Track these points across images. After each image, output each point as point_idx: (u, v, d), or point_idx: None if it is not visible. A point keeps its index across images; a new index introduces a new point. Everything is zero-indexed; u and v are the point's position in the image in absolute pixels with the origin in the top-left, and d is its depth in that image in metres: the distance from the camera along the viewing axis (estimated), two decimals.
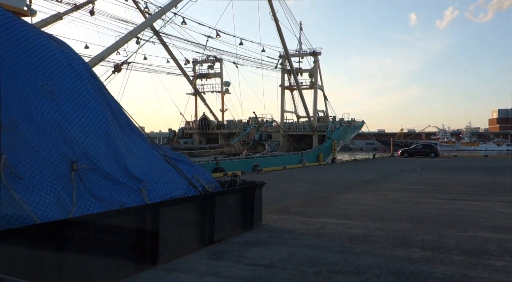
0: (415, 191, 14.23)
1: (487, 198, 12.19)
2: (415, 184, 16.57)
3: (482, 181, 18.00)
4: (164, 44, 35.57)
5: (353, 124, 47.31)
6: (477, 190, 14.39)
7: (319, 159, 36.66)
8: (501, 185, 16.26)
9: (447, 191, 14.07)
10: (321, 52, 44.89)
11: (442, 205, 10.67)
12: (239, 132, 45.00)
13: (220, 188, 7.41)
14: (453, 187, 15.39)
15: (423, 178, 19.43)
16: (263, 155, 30.83)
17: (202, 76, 47.27)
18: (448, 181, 17.90)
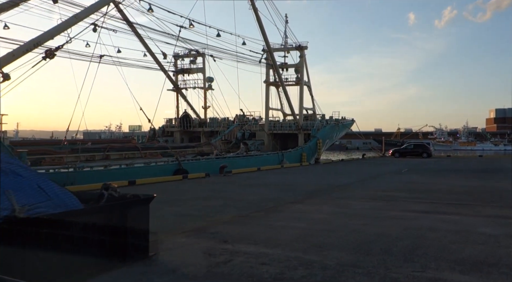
0: (386, 199, 12.01)
1: (470, 210, 9.97)
2: (390, 190, 14.35)
3: (470, 185, 15.80)
4: (138, 35, 33.20)
5: (342, 123, 44.95)
6: (461, 198, 12.18)
7: (302, 159, 34.41)
8: (490, 191, 14.07)
9: (425, 200, 11.86)
10: (307, 46, 42.63)
11: (410, 221, 8.45)
12: (222, 131, 42.72)
13: (78, 206, 5.16)
14: (433, 194, 13.19)
15: (403, 182, 17.21)
16: (237, 154, 28.57)
17: (184, 71, 44.98)
18: (431, 186, 15.69)
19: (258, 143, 41.03)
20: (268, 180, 18.70)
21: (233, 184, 16.81)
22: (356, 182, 17.80)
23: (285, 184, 17.11)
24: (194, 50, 42.86)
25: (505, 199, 12.10)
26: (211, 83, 44.75)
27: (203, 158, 25.03)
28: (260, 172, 24.02)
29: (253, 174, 22.55)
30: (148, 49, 35.46)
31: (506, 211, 9.91)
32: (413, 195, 12.95)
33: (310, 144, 37.54)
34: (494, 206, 10.71)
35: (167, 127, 46.10)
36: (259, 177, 20.68)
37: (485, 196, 12.67)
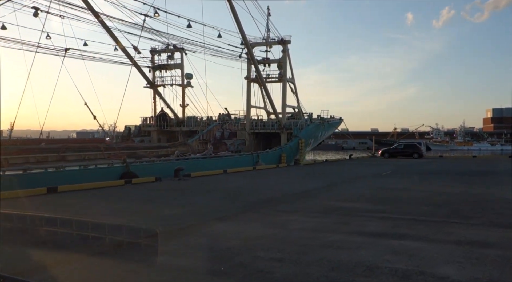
0: (341, 213, 9.61)
1: (438, 232, 7.58)
2: (354, 199, 11.95)
3: (452, 193, 13.42)
4: (104, 25, 30.71)
5: (327, 122, 42.48)
6: (433, 212, 9.79)
7: (281, 160, 32.01)
8: (474, 200, 11.68)
9: (388, 214, 9.46)
10: (290, 41, 40.14)
11: (347, 254, 6.05)
12: (200, 130, 40.28)
13: None
14: (403, 205, 10.80)
15: (375, 188, 14.82)
16: (203, 155, 26.13)
17: (161, 67, 42.48)
18: (405, 193, 13.30)
19: (238, 143, 38.64)
20: (223, 185, 16.30)
21: (175, 190, 14.41)
22: (324, 187, 15.41)
23: (237, 190, 14.71)
24: (171, 44, 40.49)
25: (489, 211, 9.72)
26: (190, 80, 42.33)
27: (159, 159, 22.55)
28: (225, 174, 21.60)
29: (215, 177, 20.13)
30: (118, 42, 32.95)
31: (485, 232, 7.52)
32: (377, 207, 10.55)
33: (291, 144, 35.13)
34: (471, 224, 8.32)
35: (143, 127, 43.63)
36: (218, 181, 18.28)
37: (464, 208, 10.28)
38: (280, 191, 14.33)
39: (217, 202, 11.66)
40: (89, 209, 10.59)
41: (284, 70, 40.04)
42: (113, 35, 31.80)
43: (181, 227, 8.02)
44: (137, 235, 4.59)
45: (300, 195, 13.05)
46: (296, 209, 10.33)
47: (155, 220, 8.61)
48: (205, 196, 13.13)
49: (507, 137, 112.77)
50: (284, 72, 40.00)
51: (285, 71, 40.02)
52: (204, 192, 14.07)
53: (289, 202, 11.51)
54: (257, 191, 14.37)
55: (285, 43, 39.92)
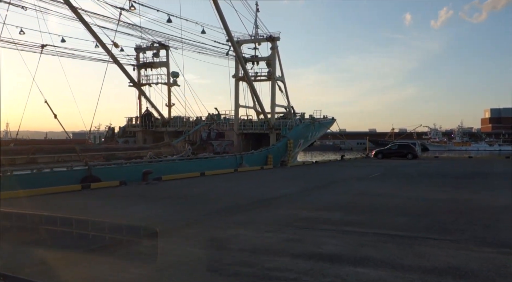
0: (302, 226, 8.18)
1: (410, 254, 6.15)
2: (325, 207, 10.52)
3: (437, 199, 12.00)
4: (82, 20, 29.23)
5: (318, 121, 40.98)
6: (409, 224, 8.37)
7: (268, 161, 30.57)
8: (459, 208, 10.26)
9: (357, 226, 8.04)
10: (279, 37, 38.67)
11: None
12: (186, 131, 38.84)
13: None
14: (377, 215, 9.36)
15: (354, 194, 13.39)
16: (181, 157, 24.66)
17: (146, 65, 41.03)
18: (387, 200, 11.87)
19: (226, 144, 37.17)
20: (191, 190, 14.86)
21: (131, 196, 12.98)
22: (300, 192, 13.97)
23: (203, 196, 13.29)
24: (156, 42, 39.06)
25: (474, 224, 8.30)
26: (176, 79, 40.89)
27: (128, 162, 21.08)
28: (201, 178, 20.17)
29: (189, 180, 18.70)
30: (96, 37, 31.45)
31: (465, 254, 6.09)
32: (348, 217, 9.12)
33: (278, 145, 33.66)
34: (451, 240, 6.89)
35: (128, 127, 42.14)
36: (190, 184, 16.86)
37: (447, 219, 8.85)
38: (248, 196, 12.90)
39: (168, 211, 10.22)
40: None
41: (273, 68, 38.57)
42: (91, 30, 30.35)
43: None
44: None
45: (268, 202, 11.62)
46: (253, 220, 8.89)
47: None
48: (161, 203, 11.71)
49: (505, 137, 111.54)
50: (273, 70, 38.53)
51: (274, 69, 38.55)
52: (164, 198, 12.65)
53: (251, 211, 10.07)
54: (223, 197, 12.93)
55: (273, 40, 38.46)
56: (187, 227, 8.18)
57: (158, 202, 11.89)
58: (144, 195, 13.21)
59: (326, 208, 10.62)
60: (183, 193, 14.13)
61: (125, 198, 12.92)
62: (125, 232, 3.76)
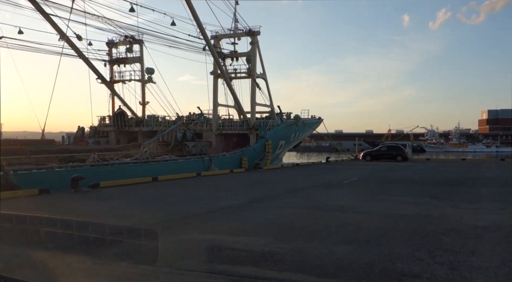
0: (182, 267, 5.72)
1: None
2: (258, 229, 8.06)
3: (403, 216, 9.55)
4: (40, 10, 26.73)
5: (302, 122, 38.47)
6: (341, 265, 5.89)
7: (242, 164, 28.11)
8: (424, 232, 7.81)
9: (262, 269, 5.58)
10: (259, 32, 36.20)
11: None
12: (160, 131, 36.36)
13: None
14: (311, 244, 6.90)
15: (308, 207, 10.93)
16: (134, 160, 22.15)
17: (119, 61, 38.54)
18: (339, 217, 9.44)
19: (202, 145, 34.67)
20: (111, 202, 12.40)
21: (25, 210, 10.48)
22: (242, 205, 11.44)
23: (110, 211, 10.81)
24: (129, 36, 36.61)
25: (435, 262, 5.83)
26: (151, 76, 38.40)
27: (57, 166, 18.58)
28: (149, 184, 17.66)
29: (133, 187, 16.22)
30: (58, 29, 28.92)
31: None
32: (272, 245, 6.65)
33: (255, 146, 31.22)
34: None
35: (100, 127, 39.60)
36: (125, 193, 14.40)
37: (402, 250, 6.38)
38: (173, 211, 10.44)
39: None
40: None
41: (253, 64, 36.11)
42: (50, 20, 27.86)
43: None
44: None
45: (191, 219, 9.17)
46: (128, 252, 6.40)
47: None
48: None
49: (502, 139, 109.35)
50: (253, 66, 36.08)
51: (254, 66, 36.10)
52: (61, 213, 10.16)
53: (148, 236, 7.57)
54: (137, 213, 10.40)
55: (253, 35, 36.01)
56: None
57: None
58: (47, 209, 10.72)
59: (256, 229, 8.17)
60: (100, 206, 11.63)
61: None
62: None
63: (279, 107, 40.26)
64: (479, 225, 8.41)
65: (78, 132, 37.92)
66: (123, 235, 3.85)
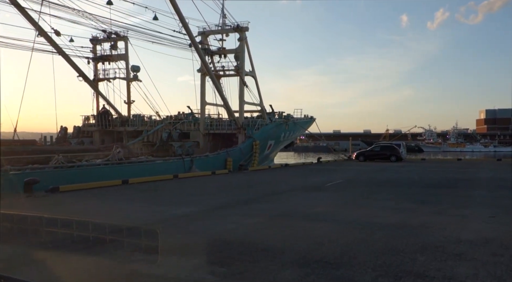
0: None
1: None
2: (192, 246, 6.83)
3: (379, 225, 8.34)
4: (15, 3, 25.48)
5: (293, 121, 37.21)
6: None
7: (227, 165, 26.86)
8: (394, 253, 6.58)
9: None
10: (248, 27, 34.94)
11: None
12: (145, 131, 35.14)
13: None
14: (257, 268, 5.68)
15: (276, 215, 9.69)
16: (106, 161, 20.89)
17: (103, 58, 37.27)
18: (307, 226, 8.22)
19: (189, 145, 33.39)
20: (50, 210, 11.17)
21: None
22: (200, 213, 10.22)
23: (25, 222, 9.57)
24: (113, 32, 35.36)
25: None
26: (136, 73, 37.14)
27: (18, 168, 17.32)
28: (116, 188, 16.39)
29: (92, 192, 14.96)
30: (35, 24, 27.66)
31: None
32: (198, 272, 5.43)
33: (241, 146, 29.95)
34: None
35: (84, 127, 38.34)
36: (83, 199, 13.17)
37: (361, 277, 5.17)
38: (104, 224, 9.21)
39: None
40: None
41: (242, 61, 34.85)
42: (26, 14, 26.62)
43: None
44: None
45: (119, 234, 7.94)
46: None
47: None
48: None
49: (500, 138, 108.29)
50: (242, 64, 34.83)
51: (242, 63, 34.84)
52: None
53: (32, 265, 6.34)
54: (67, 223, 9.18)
55: (242, 31, 34.75)
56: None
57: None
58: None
59: (197, 245, 6.95)
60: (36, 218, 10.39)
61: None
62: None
63: (271, 106, 39.07)
64: (463, 238, 7.19)
65: (60, 132, 36.62)
66: None
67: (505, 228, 8.05)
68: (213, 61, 36.26)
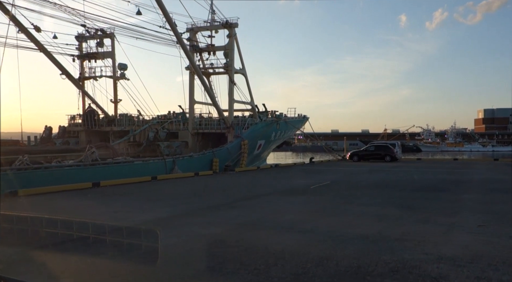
0: None
1: None
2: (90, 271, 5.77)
3: (353, 237, 7.28)
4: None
5: (284, 120, 36.09)
6: None
7: (213, 166, 25.78)
8: (363, 274, 5.53)
9: None
10: (237, 24, 33.87)
11: None
12: (131, 130, 34.06)
13: None
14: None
15: (235, 226, 8.63)
16: (78, 162, 19.78)
17: (89, 56, 36.16)
18: (265, 243, 7.16)
19: (177, 145, 32.37)
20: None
21: None
22: (157, 220, 9.21)
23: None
24: (99, 29, 34.26)
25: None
26: (124, 72, 36.04)
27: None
28: (85, 191, 15.33)
29: (52, 196, 13.89)
30: (14, 19, 26.57)
31: None
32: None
33: (228, 146, 28.87)
34: None
35: (69, 126, 37.21)
36: (39, 204, 12.12)
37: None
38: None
39: None
40: None
41: (231, 58, 33.80)
42: (5, 9, 25.51)
43: None
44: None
45: (29, 254, 6.85)
46: None
47: None
48: None
49: (498, 138, 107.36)
50: (231, 61, 33.76)
51: (231, 60, 33.78)
52: None
53: None
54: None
55: (231, 27, 33.68)
56: None
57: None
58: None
59: (108, 268, 5.85)
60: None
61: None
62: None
63: (264, 105, 38.00)
64: (446, 254, 6.14)
65: (45, 132, 35.50)
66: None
67: (495, 241, 7.00)
68: (202, 59, 35.20)
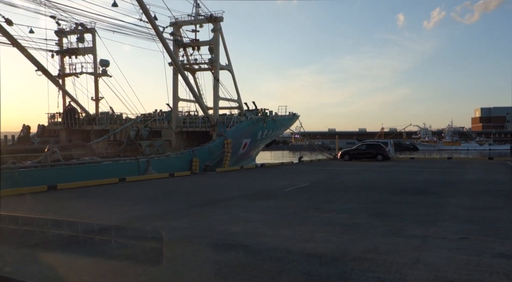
0: None
1: None
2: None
3: (303, 257, 5.99)
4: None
5: (272, 118, 34.72)
6: None
7: (192, 166, 24.48)
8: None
9: None
10: (222, 18, 32.51)
11: None
12: (111, 129, 32.75)
13: None
14: None
15: (168, 238, 7.35)
16: (36, 163, 18.36)
17: (69, 52, 34.78)
18: (201, 257, 5.87)
19: (159, 144, 31.06)
20: None
21: None
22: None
23: None
24: (79, 23, 32.92)
25: None
26: (106, 68, 34.68)
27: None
28: (38, 195, 14.02)
29: (6, 200, 12.60)
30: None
31: None
32: None
33: (210, 145, 27.55)
34: None
35: (49, 125, 35.83)
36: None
37: None
38: None
39: None
40: None
41: (216, 54, 32.45)
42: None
43: None
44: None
45: None
46: None
47: None
48: None
49: (495, 137, 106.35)
50: (216, 56, 32.42)
51: (217, 56, 32.44)
52: None
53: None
54: None
55: (216, 21, 32.35)
56: None
57: None
58: None
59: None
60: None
61: None
62: None
63: (254, 103, 36.65)
64: (412, 281, 4.84)
65: (22, 131, 34.08)
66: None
67: (474, 261, 5.70)
68: (187, 54, 33.90)
